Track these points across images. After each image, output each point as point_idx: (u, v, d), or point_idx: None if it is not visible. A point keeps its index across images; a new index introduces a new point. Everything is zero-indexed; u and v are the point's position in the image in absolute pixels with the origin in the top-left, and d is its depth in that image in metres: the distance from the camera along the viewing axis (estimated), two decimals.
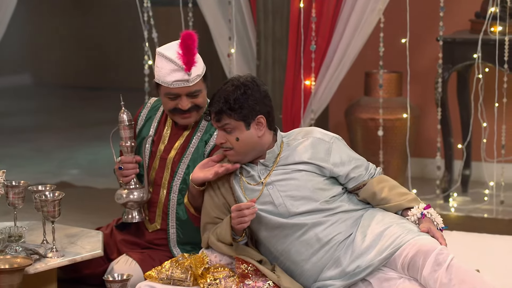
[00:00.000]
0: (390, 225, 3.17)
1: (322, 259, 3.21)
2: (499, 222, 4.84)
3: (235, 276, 3.25)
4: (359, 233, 3.19)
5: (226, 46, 5.18)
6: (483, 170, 5.27)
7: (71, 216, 4.56)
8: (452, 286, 2.95)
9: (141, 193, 3.59)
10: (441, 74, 5.03)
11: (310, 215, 3.24)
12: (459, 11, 5.43)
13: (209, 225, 3.39)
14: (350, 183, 3.33)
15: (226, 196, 3.36)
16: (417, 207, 3.22)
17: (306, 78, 4.87)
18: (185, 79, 3.51)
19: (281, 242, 3.26)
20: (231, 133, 3.27)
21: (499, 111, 4.97)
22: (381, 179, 3.32)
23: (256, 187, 3.31)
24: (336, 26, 4.87)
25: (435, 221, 3.20)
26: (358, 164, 3.33)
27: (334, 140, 3.35)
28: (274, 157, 3.32)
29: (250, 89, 3.25)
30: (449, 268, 2.97)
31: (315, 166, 3.28)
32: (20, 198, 3.54)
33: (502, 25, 4.95)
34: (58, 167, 6.20)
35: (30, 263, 3.21)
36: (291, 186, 3.26)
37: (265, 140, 3.30)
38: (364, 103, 5.50)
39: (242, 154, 3.29)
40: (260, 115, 3.26)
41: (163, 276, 3.27)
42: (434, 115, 5.28)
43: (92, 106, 8.48)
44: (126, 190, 3.60)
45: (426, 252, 3.02)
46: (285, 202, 3.25)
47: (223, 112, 3.24)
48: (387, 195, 3.26)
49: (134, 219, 3.63)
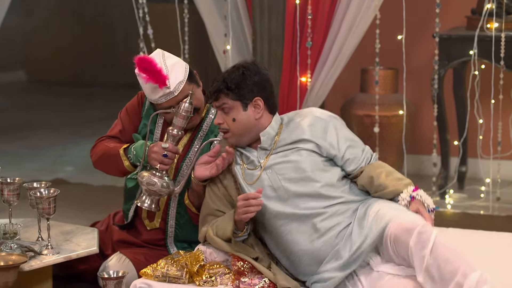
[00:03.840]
0: (380, 209, 3.17)
1: (320, 250, 3.21)
2: (496, 219, 4.85)
3: (231, 273, 3.25)
4: (356, 225, 3.19)
5: (222, 42, 5.17)
6: (479, 166, 5.27)
7: (66, 213, 4.56)
8: (437, 266, 2.95)
9: (172, 186, 3.43)
10: (437, 70, 5.04)
11: (309, 203, 3.23)
12: (455, 7, 5.43)
13: (209, 217, 3.38)
14: (347, 165, 3.32)
15: (228, 187, 3.36)
16: (406, 191, 3.23)
17: (302, 75, 4.87)
18: (168, 92, 3.48)
19: (279, 231, 3.26)
20: (228, 114, 3.30)
21: (495, 107, 4.98)
22: (378, 165, 3.33)
23: (255, 172, 3.32)
24: (332, 23, 4.87)
25: (425, 202, 3.20)
26: (352, 145, 3.34)
27: (331, 119, 3.36)
28: (271, 139, 3.33)
29: (249, 71, 3.29)
30: (434, 248, 2.97)
31: (314, 144, 3.30)
32: (15, 195, 3.54)
33: (498, 21, 4.94)
34: (53, 164, 6.19)
35: (25, 260, 3.21)
36: (289, 169, 3.27)
37: (263, 124, 3.33)
38: (360, 99, 5.50)
39: (238, 135, 3.31)
40: (258, 97, 3.29)
41: (158, 273, 3.27)
42: (430, 112, 5.28)
43: (87, 103, 8.47)
44: (159, 178, 3.40)
45: (408, 230, 3.01)
46: (284, 184, 3.26)
47: (221, 91, 3.29)
48: (384, 181, 3.26)
49: (146, 206, 3.43)
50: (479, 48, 4.92)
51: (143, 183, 3.40)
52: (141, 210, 3.66)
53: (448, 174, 5.27)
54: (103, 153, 3.63)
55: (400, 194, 3.23)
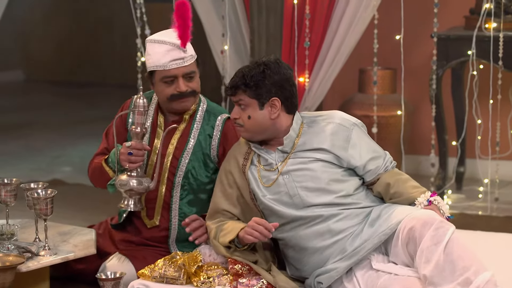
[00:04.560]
0: (395, 210, 3.18)
1: (330, 249, 3.20)
2: (494, 219, 4.85)
3: (229, 274, 3.25)
4: (368, 225, 3.19)
5: (220, 43, 5.18)
6: (477, 167, 5.28)
7: (63, 213, 4.56)
8: (450, 261, 2.94)
9: (145, 182, 3.47)
10: (436, 70, 5.04)
11: (325, 208, 3.22)
12: (454, 7, 5.43)
13: (217, 215, 3.37)
14: (368, 176, 3.30)
15: (242, 189, 3.34)
16: (424, 195, 3.22)
17: (300, 75, 4.87)
18: (181, 57, 3.51)
19: (292, 230, 3.25)
20: (244, 110, 3.27)
21: (493, 108, 4.98)
22: (394, 173, 3.31)
23: (272, 174, 3.28)
24: (330, 23, 4.87)
25: (441, 209, 3.20)
26: (375, 156, 3.30)
27: (354, 127, 3.31)
28: (292, 142, 3.29)
29: (270, 69, 3.24)
30: (449, 243, 2.96)
31: (333, 156, 3.26)
32: (12, 196, 3.54)
33: (497, 21, 4.95)
34: (50, 164, 6.19)
35: (22, 261, 3.21)
36: (307, 177, 3.25)
37: (280, 124, 3.28)
38: (358, 100, 5.50)
39: (252, 132, 3.28)
40: (275, 97, 3.24)
41: (156, 274, 3.27)
42: (428, 112, 5.29)
43: (84, 103, 8.47)
44: (131, 177, 3.45)
45: (426, 224, 3.00)
46: (300, 193, 3.24)
47: (238, 87, 3.25)
48: (400, 189, 3.26)
49: (129, 207, 3.49)
50: (477, 48, 4.92)
51: (118, 186, 3.46)
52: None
53: (446, 174, 5.28)
54: (93, 171, 3.68)
55: (417, 199, 3.22)
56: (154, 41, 3.54)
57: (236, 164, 3.36)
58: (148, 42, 3.57)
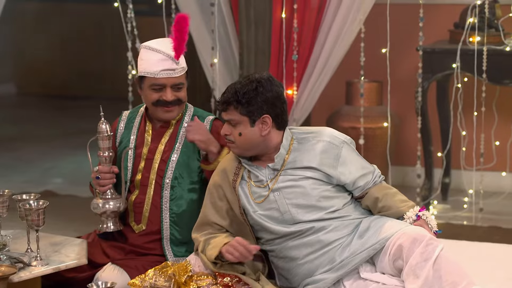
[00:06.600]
0: (385, 223, 3.20)
1: (320, 259, 3.22)
2: (478, 229, 4.88)
3: (218, 284, 3.26)
4: (357, 236, 3.21)
5: (209, 56, 5.20)
6: (462, 178, 5.31)
7: (55, 224, 4.56)
8: (438, 277, 2.97)
9: (117, 203, 3.59)
10: (421, 83, 5.07)
11: (314, 223, 3.24)
12: (439, 21, 5.47)
13: (206, 226, 3.38)
14: (357, 191, 3.32)
15: (232, 203, 3.34)
16: (413, 210, 3.23)
17: (288, 88, 4.89)
18: (173, 68, 3.56)
19: (282, 243, 3.28)
20: (235, 127, 3.25)
21: (478, 120, 5.00)
22: (383, 187, 3.32)
23: (263, 191, 3.29)
24: (317, 36, 4.90)
25: (430, 224, 3.21)
26: (365, 173, 3.31)
27: (344, 145, 3.31)
28: (282, 159, 3.29)
29: (262, 87, 3.22)
30: (437, 260, 2.99)
31: (322, 174, 3.27)
32: (4, 207, 3.53)
33: (481, 35, 5.00)
34: (42, 176, 6.19)
35: (14, 272, 3.21)
36: (297, 194, 3.25)
37: (270, 140, 3.28)
38: (345, 112, 5.53)
39: (242, 149, 3.28)
40: (266, 115, 3.23)
41: (146, 284, 3.25)
42: (414, 124, 5.32)
43: (75, 116, 8.46)
44: (102, 200, 3.60)
45: (414, 240, 3.03)
46: (291, 210, 3.25)
47: (230, 103, 3.23)
48: (388, 203, 3.27)
49: (109, 229, 3.62)
50: (462, 61, 4.97)
51: (92, 209, 3.62)
52: (128, 216, 3.71)
53: (432, 185, 5.31)
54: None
55: (406, 213, 3.23)
56: (149, 48, 3.59)
57: (226, 179, 3.36)
58: (143, 47, 3.62)
